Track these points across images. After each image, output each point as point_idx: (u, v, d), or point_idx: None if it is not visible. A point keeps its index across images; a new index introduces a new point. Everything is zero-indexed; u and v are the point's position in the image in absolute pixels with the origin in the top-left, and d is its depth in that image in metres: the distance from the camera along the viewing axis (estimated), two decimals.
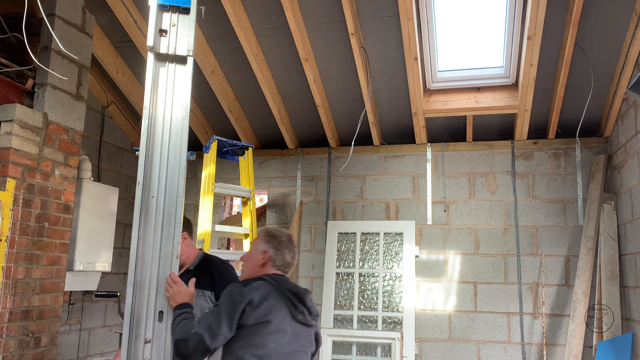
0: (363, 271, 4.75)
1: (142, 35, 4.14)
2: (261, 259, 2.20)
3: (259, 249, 2.23)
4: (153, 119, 2.05)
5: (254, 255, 2.23)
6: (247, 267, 2.25)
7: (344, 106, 4.71)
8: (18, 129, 3.28)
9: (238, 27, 3.89)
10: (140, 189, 1.97)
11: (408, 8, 3.66)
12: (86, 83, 3.86)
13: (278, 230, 2.31)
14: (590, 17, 3.61)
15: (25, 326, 3.31)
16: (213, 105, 4.88)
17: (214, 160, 3.68)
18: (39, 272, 3.41)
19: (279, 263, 2.21)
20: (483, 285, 4.54)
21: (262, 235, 2.28)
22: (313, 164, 5.15)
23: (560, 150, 4.57)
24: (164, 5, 2.10)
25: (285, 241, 2.25)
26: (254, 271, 2.21)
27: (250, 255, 2.25)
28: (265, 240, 2.24)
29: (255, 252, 2.23)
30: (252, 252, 2.26)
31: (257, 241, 2.28)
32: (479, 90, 4.47)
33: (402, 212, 4.83)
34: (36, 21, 3.56)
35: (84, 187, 3.98)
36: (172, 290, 1.96)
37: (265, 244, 2.23)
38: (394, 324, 4.58)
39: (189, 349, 1.87)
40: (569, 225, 4.45)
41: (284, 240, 2.25)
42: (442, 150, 4.81)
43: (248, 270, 2.24)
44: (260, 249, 2.22)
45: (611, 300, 4.02)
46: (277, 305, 2.04)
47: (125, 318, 1.90)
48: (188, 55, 2.09)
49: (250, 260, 2.24)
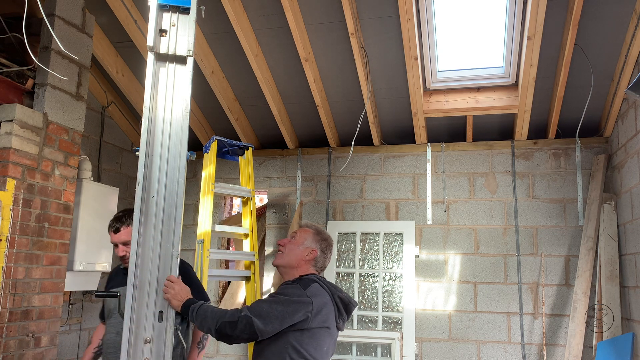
0: (363, 271, 4.75)
1: (142, 35, 4.14)
2: (306, 256, 2.18)
3: (307, 245, 2.20)
4: (153, 119, 2.05)
5: (300, 248, 2.19)
6: (288, 256, 2.19)
7: (344, 106, 4.71)
8: (18, 129, 3.28)
9: (238, 27, 3.89)
10: (140, 189, 1.97)
11: (408, 8, 3.66)
12: (86, 83, 3.86)
13: (327, 232, 2.31)
14: (590, 17, 3.61)
15: (25, 326, 3.31)
16: (213, 105, 4.88)
17: (214, 160, 3.67)
18: (39, 272, 3.41)
19: (319, 265, 2.23)
20: (483, 285, 4.54)
21: (314, 232, 2.25)
22: (313, 164, 5.15)
23: (560, 150, 4.57)
24: (164, 5, 2.10)
25: (330, 246, 2.27)
26: (295, 263, 2.18)
27: (296, 246, 2.20)
28: (316, 239, 2.23)
29: (302, 246, 2.20)
30: (298, 243, 2.21)
31: (306, 235, 2.24)
32: (479, 90, 4.47)
33: (402, 212, 4.83)
34: (36, 21, 3.56)
35: (84, 187, 3.98)
36: (173, 291, 1.95)
37: (316, 242, 2.22)
38: (394, 324, 4.58)
39: (236, 330, 1.90)
40: (569, 225, 4.45)
41: (330, 245, 2.27)
42: (442, 150, 4.81)
43: (288, 260, 2.19)
44: (309, 246, 2.20)
45: (611, 300, 4.02)
46: (331, 312, 2.08)
47: (125, 318, 1.90)
48: (188, 55, 2.09)
49: (294, 251, 2.20)
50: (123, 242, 2.47)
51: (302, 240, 2.21)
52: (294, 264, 2.18)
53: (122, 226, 2.47)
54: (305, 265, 2.19)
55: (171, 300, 1.95)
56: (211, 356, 5.06)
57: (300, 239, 2.22)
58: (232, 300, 5.05)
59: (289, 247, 2.21)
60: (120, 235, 2.48)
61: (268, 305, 1.95)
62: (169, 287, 1.96)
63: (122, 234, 2.47)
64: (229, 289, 5.15)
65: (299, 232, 2.26)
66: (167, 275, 1.98)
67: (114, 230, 2.51)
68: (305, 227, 2.28)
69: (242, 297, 5.03)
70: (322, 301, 2.04)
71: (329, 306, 2.06)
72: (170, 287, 1.96)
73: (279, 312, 1.94)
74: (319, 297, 2.03)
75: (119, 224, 2.49)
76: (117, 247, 2.53)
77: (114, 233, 2.51)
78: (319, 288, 2.07)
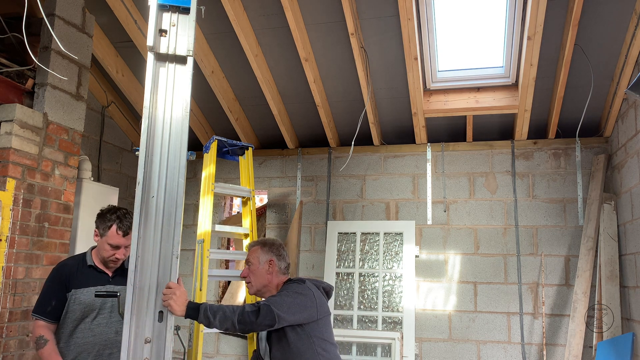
0: (363, 271, 4.75)
1: (142, 35, 4.14)
2: (269, 269, 2.35)
3: (262, 260, 2.36)
4: (153, 119, 2.04)
5: (260, 267, 2.36)
6: (256, 281, 2.36)
7: (344, 106, 4.71)
8: (18, 129, 3.28)
9: (238, 27, 3.89)
10: (140, 189, 1.97)
11: (408, 8, 3.66)
12: (86, 83, 3.86)
13: (268, 239, 2.48)
14: (590, 17, 3.61)
15: (25, 326, 3.31)
16: (213, 105, 4.89)
17: (214, 160, 3.67)
18: (39, 272, 3.41)
19: (283, 267, 2.40)
20: (483, 285, 4.54)
21: (258, 247, 2.41)
22: (313, 164, 5.15)
23: (560, 150, 4.57)
24: (164, 5, 2.10)
25: (280, 246, 2.44)
26: (265, 281, 2.36)
27: (256, 268, 2.36)
28: (264, 250, 2.39)
29: (260, 264, 2.36)
30: (255, 265, 2.37)
31: (255, 254, 2.39)
32: (479, 90, 4.47)
33: (402, 212, 4.83)
34: (36, 21, 3.56)
35: (84, 187, 3.98)
36: (175, 296, 1.93)
37: (266, 254, 2.38)
38: (394, 324, 4.58)
39: (259, 317, 2.06)
40: (569, 225, 4.45)
41: (279, 245, 2.44)
42: (442, 150, 4.81)
43: (260, 282, 2.36)
44: (265, 259, 2.36)
45: (611, 300, 4.02)
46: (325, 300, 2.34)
47: (125, 318, 1.89)
48: (188, 55, 2.09)
49: (257, 273, 2.36)
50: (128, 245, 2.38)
51: (255, 261, 2.39)
52: (265, 282, 2.36)
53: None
54: (275, 276, 2.37)
55: (172, 306, 1.92)
56: (211, 356, 5.06)
57: (255, 261, 2.38)
58: (232, 300, 5.05)
59: (251, 275, 2.38)
60: (129, 238, 2.36)
61: (279, 298, 2.16)
62: (169, 293, 1.93)
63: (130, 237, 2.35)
64: (229, 289, 5.15)
65: (250, 256, 2.42)
66: (167, 281, 1.95)
67: (124, 233, 2.38)
68: (252, 248, 2.44)
69: (242, 297, 5.03)
70: (317, 292, 2.30)
71: (322, 296, 2.33)
72: (170, 293, 1.93)
73: (290, 303, 2.15)
74: (313, 289, 2.29)
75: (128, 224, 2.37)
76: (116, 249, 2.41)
77: (123, 235, 2.38)
78: (309, 283, 2.31)
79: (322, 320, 2.24)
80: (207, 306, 2.06)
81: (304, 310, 2.18)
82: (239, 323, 2.06)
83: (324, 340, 2.23)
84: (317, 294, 2.28)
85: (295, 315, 2.15)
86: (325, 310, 2.28)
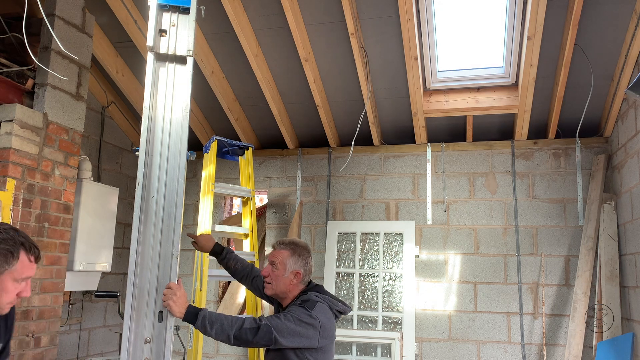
0: (363, 271, 4.75)
1: (142, 35, 4.14)
2: (293, 279, 2.30)
3: (289, 269, 2.29)
4: (153, 119, 2.04)
5: (285, 275, 2.29)
6: (277, 286, 2.30)
7: (344, 106, 4.71)
8: (18, 129, 3.28)
9: (238, 27, 3.89)
10: (140, 189, 1.97)
11: (408, 8, 3.66)
12: (86, 83, 3.86)
13: (300, 242, 2.38)
14: (590, 17, 3.61)
15: (25, 326, 3.31)
16: (213, 105, 4.88)
17: (214, 160, 3.67)
18: (39, 272, 3.41)
19: (307, 279, 2.35)
20: (483, 285, 4.54)
21: (290, 253, 2.32)
22: (313, 164, 5.15)
23: (560, 150, 4.57)
24: (164, 5, 2.10)
25: (309, 254, 2.36)
26: (285, 289, 2.30)
27: (280, 274, 2.29)
28: (294, 259, 2.30)
29: (286, 272, 2.29)
30: (280, 271, 2.29)
31: (284, 258, 2.31)
32: (479, 90, 4.47)
33: (402, 212, 4.83)
34: (36, 21, 3.56)
35: (84, 187, 3.98)
36: (175, 297, 1.92)
37: (295, 263, 2.30)
38: (394, 324, 4.58)
39: (256, 336, 2.03)
40: (569, 225, 4.45)
41: (309, 253, 2.36)
42: (442, 150, 4.81)
43: (280, 289, 2.31)
44: (291, 269, 2.29)
45: (611, 300, 4.02)
46: (334, 324, 2.27)
47: (125, 318, 1.89)
48: (188, 55, 2.09)
49: (280, 280, 2.29)
50: None
51: (282, 266, 2.29)
52: (285, 290, 2.30)
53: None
54: (296, 287, 2.31)
55: (172, 307, 1.91)
56: (211, 356, 5.06)
57: (281, 265, 2.30)
58: (232, 300, 5.05)
59: (273, 276, 2.30)
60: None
61: (283, 322, 2.10)
62: (170, 294, 1.92)
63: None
64: (229, 289, 5.15)
65: (277, 257, 2.32)
66: (167, 281, 1.95)
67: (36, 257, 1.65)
68: (280, 249, 2.35)
69: (242, 297, 5.03)
70: (326, 317, 2.21)
71: (331, 320, 2.24)
72: (171, 294, 1.92)
73: (291, 329, 2.10)
74: (322, 314, 2.20)
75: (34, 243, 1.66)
76: (21, 285, 1.63)
77: (36, 260, 1.66)
78: (322, 307, 2.22)
79: (323, 348, 2.20)
80: (206, 314, 2.02)
81: (304, 340, 2.13)
82: (234, 338, 2.03)
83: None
84: (323, 321, 2.18)
85: (294, 343, 2.11)
86: (329, 338, 2.22)
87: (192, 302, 3.03)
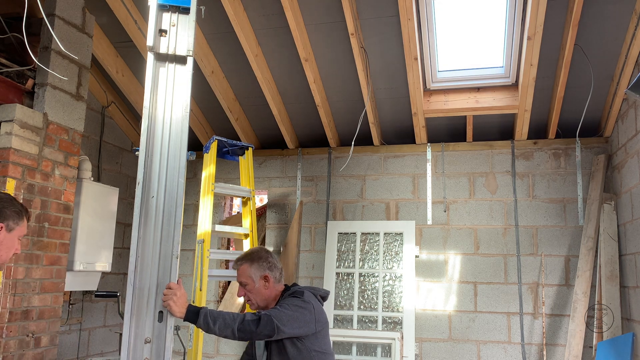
0: (363, 271, 4.75)
1: (142, 35, 4.14)
2: (265, 284, 2.36)
3: (256, 278, 2.35)
4: (153, 119, 2.04)
5: (256, 285, 2.35)
6: (257, 298, 2.37)
7: (344, 106, 4.71)
8: (18, 129, 3.28)
9: (238, 27, 3.89)
10: (140, 189, 1.97)
11: (408, 8, 3.66)
12: (86, 83, 3.86)
13: (253, 252, 2.45)
14: (590, 17, 3.61)
15: (25, 326, 3.31)
16: (213, 105, 4.88)
17: (214, 160, 3.67)
18: (39, 272, 3.41)
19: (278, 276, 2.41)
20: (483, 285, 4.54)
21: (246, 265, 2.38)
22: (313, 164, 5.15)
23: (560, 150, 4.57)
24: (164, 5, 2.10)
25: (267, 255, 2.42)
26: (265, 296, 2.37)
27: (252, 288, 2.36)
28: (255, 267, 2.36)
29: (256, 283, 2.35)
30: (250, 285, 2.36)
31: (246, 273, 2.36)
32: (479, 90, 4.47)
33: (402, 212, 4.83)
34: (36, 21, 3.56)
35: (84, 187, 3.98)
36: (175, 297, 1.92)
37: (257, 270, 2.36)
38: (394, 324, 4.58)
39: (259, 326, 2.08)
40: (569, 225, 4.45)
41: (267, 254, 2.43)
42: (442, 150, 4.81)
43: (260, 299, 2.37)
44: (258, 276, 2.36)
45: (611, 300, 4.02)
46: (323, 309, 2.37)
47: (125, 318, 1.89)
48: (188, 55, 2.09)
49: (255, 291, 2.36)
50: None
51: (250, 280, 2.36)
52: (265, 297, 2.37)
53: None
54: (272, 289, 2.38)
55: (172, 307, 1.91)
56: (211, 356, 5.06)
57: (248, 280, 2.37)
58: (232, 300, 5.05)
59: (249, 293, 2.37)
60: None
61: (281, 311, 2.18)
62: (170, 294, 1.92)
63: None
64: (229, 288, 5.15)
65: (241, 276, 2.38)
66: (167, 281, 1.95)
67: (28, 217, 1.94)
68: (239, 266, 2.41)
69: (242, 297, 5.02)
70: (316, 301, 2.34)
71: (319, 305, 2.36)
72: (171, 294, 1.92)
73: (290, 316, 2.18)
74: (313, 299, 2.33)
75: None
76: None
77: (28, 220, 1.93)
78: (309, 293, 2.34)
79: (320, 333, 2.29)
80: (207, 311, 2.03)
81: (303, 325, 2.21)
82: (238, 331, 2.06)
83: (322, 352, 2.28)
84: (316, 305, 2.31)
85: (294, 329, 2.18)
86: (324, 322, 2.33)
87: (192, 302, 3.03)
